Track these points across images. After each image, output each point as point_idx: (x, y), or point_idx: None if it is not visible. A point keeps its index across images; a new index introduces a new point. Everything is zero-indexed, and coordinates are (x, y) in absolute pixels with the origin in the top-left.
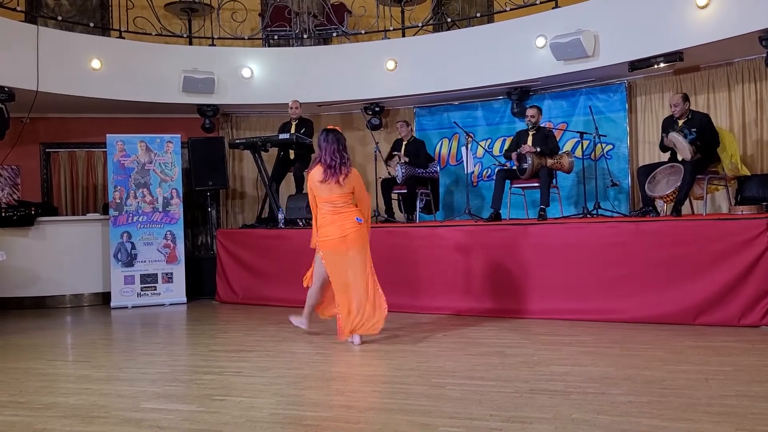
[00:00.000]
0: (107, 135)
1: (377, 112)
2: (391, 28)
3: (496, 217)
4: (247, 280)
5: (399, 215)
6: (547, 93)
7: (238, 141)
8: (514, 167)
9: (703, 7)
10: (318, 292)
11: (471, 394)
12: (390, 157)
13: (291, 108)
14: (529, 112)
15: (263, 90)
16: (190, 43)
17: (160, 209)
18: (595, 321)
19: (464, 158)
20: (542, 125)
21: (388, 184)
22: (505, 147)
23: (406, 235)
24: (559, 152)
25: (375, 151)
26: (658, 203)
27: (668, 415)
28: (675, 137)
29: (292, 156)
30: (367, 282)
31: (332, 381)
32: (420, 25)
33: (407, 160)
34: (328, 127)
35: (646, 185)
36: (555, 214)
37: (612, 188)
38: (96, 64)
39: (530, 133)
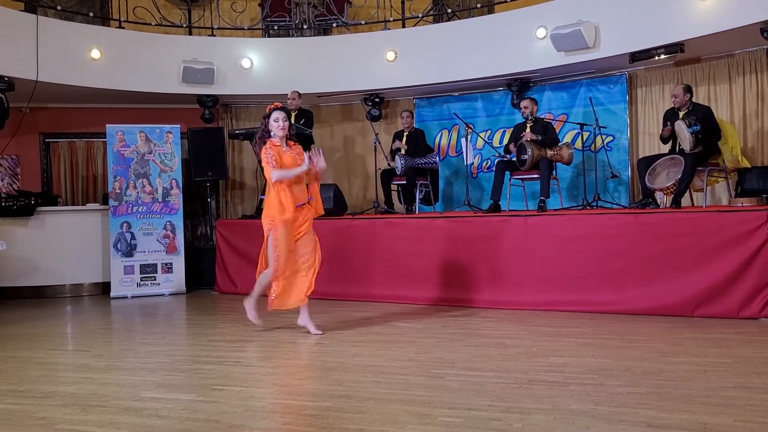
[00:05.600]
0: (107, 125)
1: (377, 103)
2: (391, 19)
3: (495, 208)
4: (246, 271)
5: (398, 206)
6: (547, 84)
7: (237, 131)
8: (514, 159)
9: None
10: None
11: (470, 385)
12: (393, 154)
13: (289, 99)
14: (523, 104)
15: (263, 80)
16: (190, 34)
17: (160, 199)
18: (594, 312)
19: (464, 149)
20: (541, 116)
21: (387, 175)
22: (504, 141)
23: (406, 227)
24: (559, 143)
25: (375, 143)
26: (658, 195)
27: (666, 406)
28: (679, 125)
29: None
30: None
31: (331, 371)
32: (420, 15)
33: (405, 148)
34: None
35: (646, 177)
36: (554, 206)
37: (612, 180)
38: (96, 54)
39: (528, 125)
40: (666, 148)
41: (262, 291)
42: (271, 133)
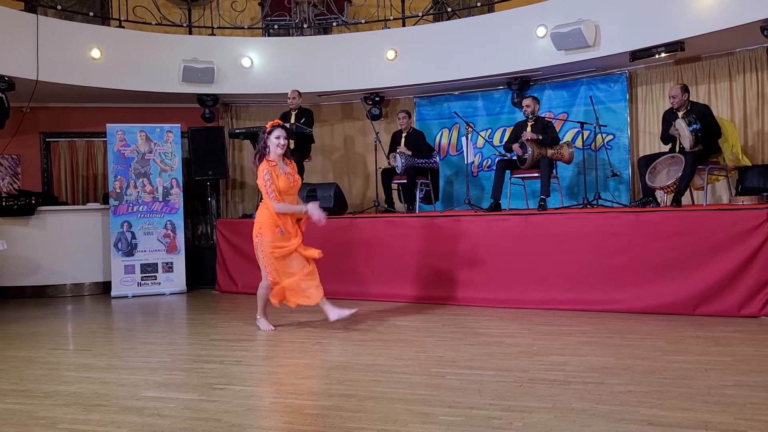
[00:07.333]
0: (107, 124)
1: (377, 102)
2: (391, 18)
3: (495, 207)
4: (246, 270)
5: (399, 205)
6: (547, 83)
7: (237, 131)
8: (515, 157)
9: None
10: None
11: (470, 384)
12: (391, 151)
13: (290, 98)
14: (525, 102)
15: (263, 80)
16: (190, 33)
17: (160, 199)
18: (594, 311)
19: (464, 148)
20: (542, 115)
21: (388, 175)
22: (505, 139)
23: (406, 225)
24: (560, 142)
25: (375, 141)
26: (658, 194)
27: (667, 404)
28: (680, 124)
29: (291, 146)
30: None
31: (332, 370)
32: (420, 14)
33: (410, 153)
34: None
35: (646, 176)
36: (555, 205)
37: (612, 178)
38: (96, 53)
39: (529, 123)
40: (666, 147)
41: (265, 304)
42: (269, 149)
